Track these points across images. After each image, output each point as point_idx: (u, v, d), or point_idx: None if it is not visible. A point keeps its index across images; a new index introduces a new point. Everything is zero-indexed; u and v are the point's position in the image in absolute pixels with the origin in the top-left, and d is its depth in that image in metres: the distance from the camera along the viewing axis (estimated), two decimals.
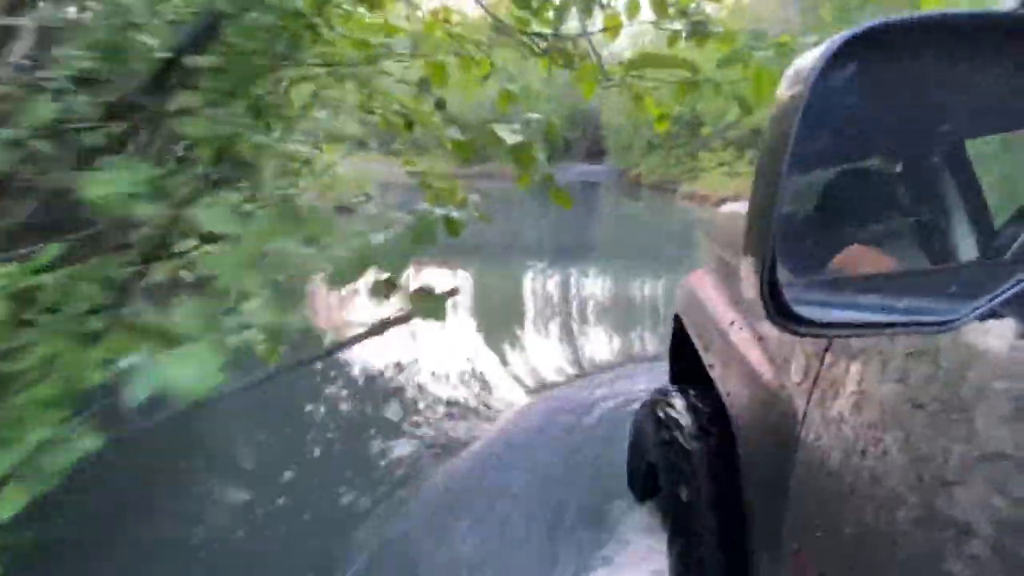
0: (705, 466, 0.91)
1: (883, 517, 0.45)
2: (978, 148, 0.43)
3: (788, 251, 0.34)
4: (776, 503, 0.66)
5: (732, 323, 0.96)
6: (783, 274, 0.34)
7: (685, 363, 1.23)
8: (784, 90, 0.33)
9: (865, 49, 0.31)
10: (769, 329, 0.77)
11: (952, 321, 0.34)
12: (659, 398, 1.14)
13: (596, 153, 26.87)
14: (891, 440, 0.47)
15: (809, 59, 0.31)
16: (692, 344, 1.16)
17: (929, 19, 0.33)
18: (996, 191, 0.44)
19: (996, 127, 0.43)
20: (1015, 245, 0.40)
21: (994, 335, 0.39)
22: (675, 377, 1.38)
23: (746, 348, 0.87)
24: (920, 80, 0.36)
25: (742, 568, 0.79)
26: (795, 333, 0.37)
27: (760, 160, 0.35)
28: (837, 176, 0.42)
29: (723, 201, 3.52)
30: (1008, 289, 0.33)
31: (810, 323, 0.35)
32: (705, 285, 1.21)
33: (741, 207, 1.08)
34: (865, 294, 0.40)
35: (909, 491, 0.43)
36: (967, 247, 0.45)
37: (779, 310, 0.33)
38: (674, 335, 1.34)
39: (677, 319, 1.31)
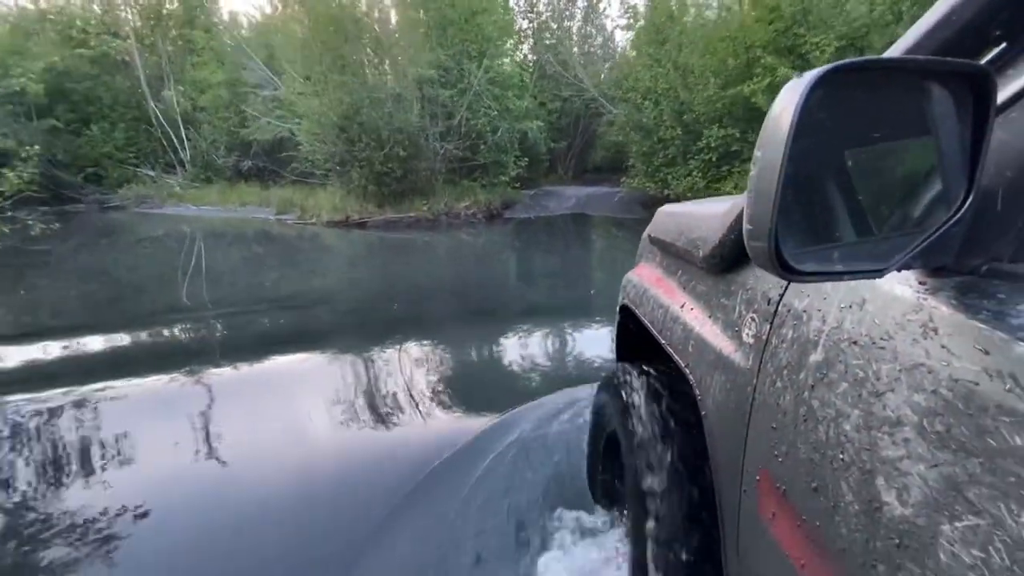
0: (660, 424, 1.13)
1: (832, 432, 0.60)
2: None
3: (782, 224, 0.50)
4: (737, 443, 0.82)
5: (683, 305, 1.15)
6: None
7: (631, 345, 1.59)
8: (782, 99, 0.48)
9: (831, 80, 0.47)
10: (722, 305, 0.97)
11: (885, 269, 0.52)
12: (616, 374, 1.38)
13: (590, 170, 21.09)
14: (834, 373, 0.62)
15: (800, 81, 0.47)
16: (635, 329, 1.47)
17: (864, 63, 0.52)
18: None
19: (877, 140, 0.62)
20: (912, 215, 0.57)
21: (905, 284, 0.57)
22: (621, 357, 1.71)
23: (700, 324, 1.04)
24: (855, 105, 0.53)
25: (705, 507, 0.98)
26: (794, 280, 0.60)
27: (762, 153, 0.49)
28: (806, 166, 0.55)
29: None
30: (914, 248, 0.52)
31: (800, 273, 0.52)
32: (651, 277, 1.43)
33: (679, 207, 1.41)
34: (828, 253, 0.55)
35: (851, 407, 0.58)
36: (883, 224, 0.62)
37: (783, 266, 0.51)
38: (620, 323, 1.64)
39: (624, 309, 1.58)
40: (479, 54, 13.44)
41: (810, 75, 0.46)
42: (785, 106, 0.47)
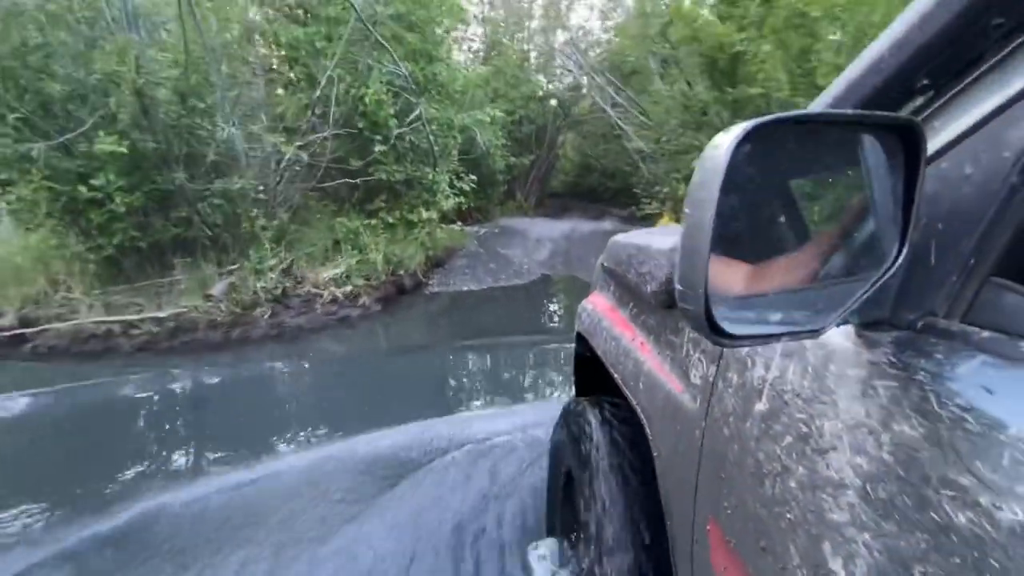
0: (616, 464, 1.10)
1: (778, 488, 0.58)
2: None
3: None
4: (688, 489, 0.81)
5: (634, 339, 1.15)
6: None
7: (588, 376, 1.55)
8: (709, 156, 0.46)
9: (759, 135, 0.46)
10: (670, 342, 0.96)
11: (822, 328, 0.51)
12: (571, 410, 1.40)
13: (560, 195, 15.65)
14: (779, 426, 0.61)
15: (727, 137, 0.46)
16: (592, 359, 1.44)
17: (792, 117, 0.50)
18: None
19: (810, 194, 0.63)
20: (846, 266, 0.56)
21: (843, 337, 0.56)
22: (580, 390, 1.71)
23: (651, 360, 1.04)
24: (783, 158, 0.54)
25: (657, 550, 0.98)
26: (727, 346, 0.57)
27: (691, 211, 0.47)
28: (737, 222, 0.56)
29: None
30: (852, 304, 0.51)
31: (734, 336, 0.49)
32: (605, 306, 1.43)
33: (631, 236, 1.37)
34: (763, 309, 0.54)
35: (796, 463, 0.56)
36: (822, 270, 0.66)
37: (713, 329, 0.48)
38: (577, 353, 1.63)
39: (580, 337, 1.57)
40: None
41: (736, 130, 0.47)
42: (713, 162, 0.46)
